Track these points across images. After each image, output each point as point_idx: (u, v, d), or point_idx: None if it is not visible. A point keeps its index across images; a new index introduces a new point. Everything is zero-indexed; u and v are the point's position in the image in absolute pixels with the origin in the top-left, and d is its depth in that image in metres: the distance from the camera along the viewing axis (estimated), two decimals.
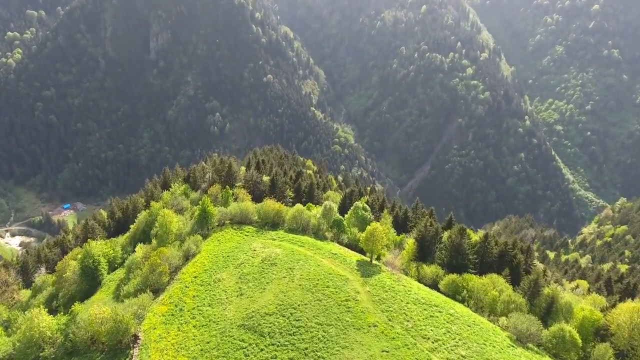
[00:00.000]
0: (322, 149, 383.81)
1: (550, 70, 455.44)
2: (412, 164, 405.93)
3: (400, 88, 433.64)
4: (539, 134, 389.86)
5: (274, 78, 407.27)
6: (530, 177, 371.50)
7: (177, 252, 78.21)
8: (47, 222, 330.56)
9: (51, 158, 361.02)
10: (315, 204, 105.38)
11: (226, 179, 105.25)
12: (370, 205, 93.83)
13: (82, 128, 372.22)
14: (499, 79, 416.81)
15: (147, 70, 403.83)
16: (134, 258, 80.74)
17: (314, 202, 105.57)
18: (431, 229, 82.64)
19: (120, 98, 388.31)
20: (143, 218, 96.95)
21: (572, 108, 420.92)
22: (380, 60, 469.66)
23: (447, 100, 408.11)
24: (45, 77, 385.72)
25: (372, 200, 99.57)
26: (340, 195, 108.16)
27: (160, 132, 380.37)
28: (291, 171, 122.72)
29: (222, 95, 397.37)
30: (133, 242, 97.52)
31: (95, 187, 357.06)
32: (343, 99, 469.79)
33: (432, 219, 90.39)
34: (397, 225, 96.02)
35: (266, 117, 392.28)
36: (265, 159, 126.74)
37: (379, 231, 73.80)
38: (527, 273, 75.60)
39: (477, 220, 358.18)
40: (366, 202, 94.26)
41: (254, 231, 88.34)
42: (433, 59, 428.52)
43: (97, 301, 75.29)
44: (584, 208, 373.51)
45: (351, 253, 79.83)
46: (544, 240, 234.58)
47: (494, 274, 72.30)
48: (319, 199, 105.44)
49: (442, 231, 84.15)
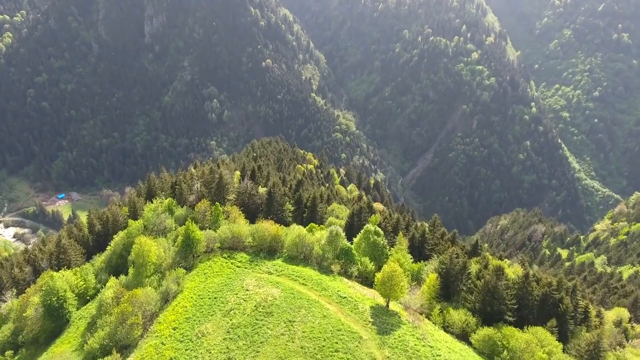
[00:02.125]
0: (322, 136, 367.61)
1: (557, 55, 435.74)
2: (415, 152, 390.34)
3: (403, 73, 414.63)
4: (546, 122, 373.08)
5: (273, 63, 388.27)
6: (536, 165, 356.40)
7: (154, 293, 63.92)
8: (41, 213, 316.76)
9: (44, 146, 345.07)
10: (319, 219, 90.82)
11: (217, 191, 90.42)
12: (383, 228, 79.15)
13: (76, 115, 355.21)
14: (505, 64, 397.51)
15: (142, 54, 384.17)
16: (103, 297, 66.52)
17: (317, 216, 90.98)
18: (457, 261, 68.29)
19: (115, 84, 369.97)
20: (120, 240, 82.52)
21: (579, 94, 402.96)
22: (383, 44, 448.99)
23: (451, 86, 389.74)
24: (37, 62, 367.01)
25: (384, 218, 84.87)
26: (347, 211, 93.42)
27: (156, 119, 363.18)
28: (291, 177, 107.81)
29: (220, 81, 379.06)
30: (109, 268, 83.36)
31: (90, 177, 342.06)
32: (344, 85, 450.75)
33: (456, 247, 75.87)
34: (413, 248, 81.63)
35: (265, 104, 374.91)
36: (262, 164, 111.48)
37: (398, 274, 59.36)
38: (576, 323, 61.71)
39: (480, 210, 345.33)
40: (378, 224, 79.58)
41: (248, 260, 73.92)
42: (437, 42, 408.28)
43: (56, 357, 61.33)
44: (590, 198, 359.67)
45: (362, 294, 65.53)
46: (554, 237, 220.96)
47: (539, 327, 58.16)
48: (323, 214, 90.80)
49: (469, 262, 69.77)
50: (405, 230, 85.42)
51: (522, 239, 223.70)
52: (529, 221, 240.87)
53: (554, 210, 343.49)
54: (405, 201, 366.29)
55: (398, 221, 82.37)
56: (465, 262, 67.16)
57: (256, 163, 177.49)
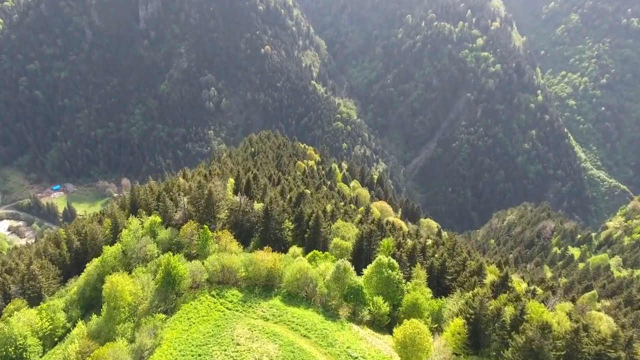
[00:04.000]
0: (323, 126, 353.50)
1: (564, 41, 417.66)
2: (418, 141, 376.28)
3: (406, 60, 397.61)
4: (552, 110, 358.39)
5: (272, 49, 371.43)
6: (541, 155, 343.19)
7: (125, 351, 52.02)
8: (36, 205, 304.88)
9: (38, 136, 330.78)
10: (322, 240, 78.58)
11: (206, 209, 78.02)
12: (398, 259, 66.90)
13: (70, 104, 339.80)
14: (510, 50, 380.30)
15: (137, 41, 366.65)
16: (67, 353, 54.65)
17: (320, 237, 78.70)
18: (488, 304, 56.34)
19: (109, 71, 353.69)
20: (93, 270, 70.60)
21: (586, 81, 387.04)
22: (385, 29, 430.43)
23: (455, 73, 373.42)
24: (29, 49, 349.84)
25: (398, 243, 72.62)
26: (354, 230, 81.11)
27: (152, 108, 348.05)
28: (290, 184, 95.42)
29: (218, 68, 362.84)
30: (82, 301, 71.62)
31: (86, 167, 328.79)
32: (345, 71, 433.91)
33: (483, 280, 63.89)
34: (432, 277, 69.72)
35: (264, 92, 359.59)
36: (258, 173, 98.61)
37: (422, 335, 47.42)
38: None
39: (484, 201, 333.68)
40: (392, 254, 67.34)
41: (240, 300, 61.92)
42: (441, 28, 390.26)
43: None
44: (596, 188, 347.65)
45: (377, 349, 53.73)
46: (564, 234, 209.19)
47: None
48: (327, 235, 78.50)
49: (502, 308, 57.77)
50: (421, 255, 73.28)
51: (530, 236, 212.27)
52: (537, 217, 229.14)
53: (559, 201, 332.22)
54: (408, 192, 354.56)
55: (414, 248, 70.10)
56: (499, 309, 55.08)
57: (254, 160, 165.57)
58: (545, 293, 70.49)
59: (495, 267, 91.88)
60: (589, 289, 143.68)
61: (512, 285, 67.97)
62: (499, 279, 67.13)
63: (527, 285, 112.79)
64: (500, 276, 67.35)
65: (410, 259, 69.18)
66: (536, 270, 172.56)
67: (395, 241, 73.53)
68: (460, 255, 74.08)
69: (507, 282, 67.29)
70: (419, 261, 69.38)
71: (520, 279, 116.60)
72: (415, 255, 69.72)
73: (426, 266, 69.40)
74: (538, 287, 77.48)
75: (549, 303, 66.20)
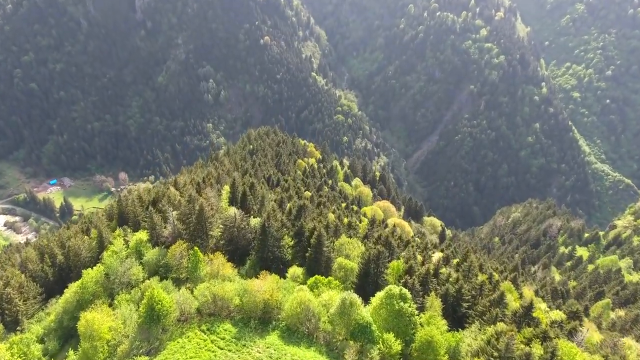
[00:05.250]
0: (323, 118, 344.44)
1: (569, 31, 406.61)
2: (419, 134, 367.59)
3: (408, 51, 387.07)
4: (556, 103, 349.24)
5: (271, 40, 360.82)
6: (545, 149, 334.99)
7: None
8: (32, 200, 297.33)
9: (34, 130, 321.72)
10: (325, 260, 70.95)
11: (196, 227, 70.27)
12: (410, 287, 59.26)
13: (66, 97, 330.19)
14: (514, 41, 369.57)
15: (134, 31, 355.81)
16: None
17: (322, 257, 71.03)
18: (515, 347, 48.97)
19: (105, 63, 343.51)
20: (71, 297, 63.14)
21: (591, 73, 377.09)
22: (387, 19, 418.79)
23: (458, 65, 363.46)
24: (23, 40, 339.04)
25: (408, 268, 64.97)
26: (360, 247, 73.49)
27: (149, 100, 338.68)
28: (290, 203, 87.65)
29: (216, 60, 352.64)
30: (60, 330, 64.23)
31: (83, 161, 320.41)
32: (346, 63, 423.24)
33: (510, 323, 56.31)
34: (446, 305, 62.26)
35: (263, 84, 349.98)
36: (256, 181, 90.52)
37: None
38: None
39: (486, 195, 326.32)
40: (403, 283, 59.73)
41: (233, 337, 54.45)
42: (444, 18, 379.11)
43: None
44: (600, 182, 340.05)
45: None
46: (571, 233, 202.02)
47: None
48: (330, 254, 70.83)
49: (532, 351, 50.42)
50: (434, 279, 65.71)
51: (536, 234, 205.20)
52: (543, 214, 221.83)
53: (563, 196, 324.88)
54: (409, 186, 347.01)
55: (427, 273, 62.50)
56: (528, 355, 47.64)
57: (252, 159, 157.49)
58: (571, 323, 63.04)
59: (510, 284, 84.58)
60: (601, 296, 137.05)
61: (535, 314, 60.69)
62: (522, 310, 59.72)
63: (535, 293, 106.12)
64: (523, 306, 59.84)
65: (423, 286, 61.59)
66: (545, 273, 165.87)
67: (405, 264, 65.86)
68: (475, 275, 66.53)
69: (531, 312, 59.93)
70: (433, 287, 61.79)
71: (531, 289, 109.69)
72: (429, 281, 62.11)
73: (440, 293, 61.83)
74: (562, 312, 70.10)
75: (577, 338, 58.93)
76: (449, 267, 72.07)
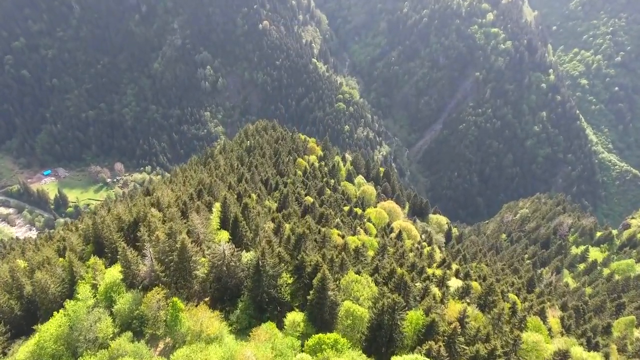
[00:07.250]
0: (324, 107, 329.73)
1: (578, 16, 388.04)
2: (422, 123, 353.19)
3: (412, 36, 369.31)
4: (564, 91, 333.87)
5: (270, 25, 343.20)
6: (551, 138, 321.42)
7: None
8: (26, 192, 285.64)
9: (26, 119, 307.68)
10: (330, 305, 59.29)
11: (178, 267, 58.42)
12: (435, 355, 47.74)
13: (59, 84, 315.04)
14: (522, 26, 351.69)
15: (128, 16, 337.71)
16: None
17: (326, 302, 59.35)
18: None
19: (99, 49, 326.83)
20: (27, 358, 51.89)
21: (599, 59, 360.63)
22: (390, 2, 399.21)
23: (463, 51, 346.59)
24: (14, 25, 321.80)
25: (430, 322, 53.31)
26: (372, 287, 61.82)
27: (145, 88, 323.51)
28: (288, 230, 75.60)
29: (214, 46, 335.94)
30: None
31: (77, 151, 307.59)
32: (347, 48, 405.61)
33: None
34: None
35: (262, 70, 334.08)
36: (249, 201, 78.09)
37: None
38: None
39: (491, 186, 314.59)
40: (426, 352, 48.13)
41: None
42: (449, 1, 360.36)
43: None
44: (606, 172, 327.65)
45: None
46: (582, 231, 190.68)
47: None
48: (335, 298, 59.14)
49: None
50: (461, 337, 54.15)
51: (546, 233, 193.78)
52: (552, 211, 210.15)
53: (569, 186, 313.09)
54: (412, 176, 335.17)
55: (454, 332, 50.91)
56: None
57: (249, 157, 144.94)
58: None
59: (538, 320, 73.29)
60: (622, 309, 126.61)
61: None
62: None
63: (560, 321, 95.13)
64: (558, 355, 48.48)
65: (449, 349, 50.09)
66: (557, 279, 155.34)
67: (425, 316, 54.19)
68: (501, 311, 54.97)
69: None
70: (461, 350, 50.34)
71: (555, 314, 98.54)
72: (455, 342, 50.59)
73: (470, 356, 50.37)
74: None
75: None
76: (466, 283, 60.32)
